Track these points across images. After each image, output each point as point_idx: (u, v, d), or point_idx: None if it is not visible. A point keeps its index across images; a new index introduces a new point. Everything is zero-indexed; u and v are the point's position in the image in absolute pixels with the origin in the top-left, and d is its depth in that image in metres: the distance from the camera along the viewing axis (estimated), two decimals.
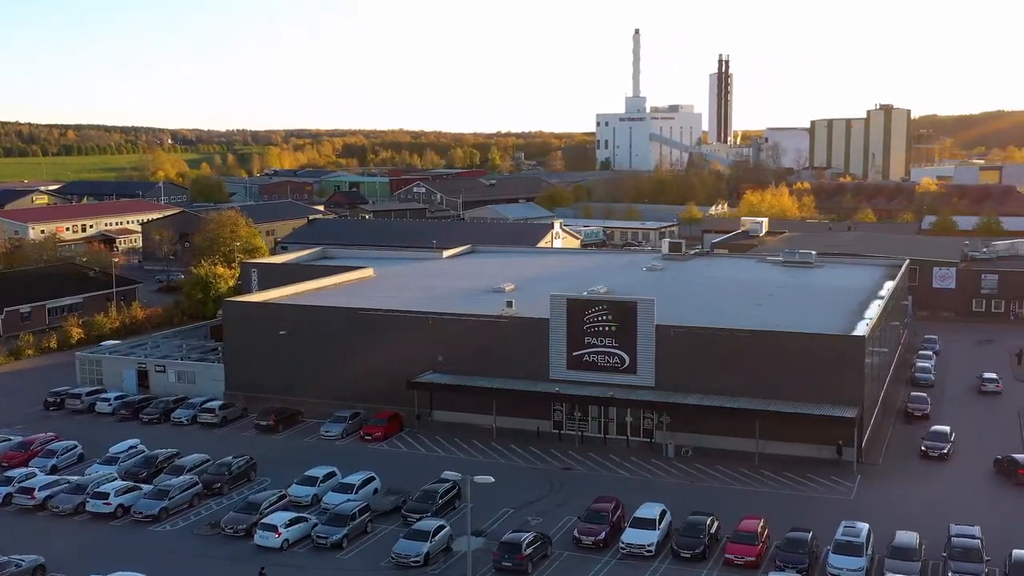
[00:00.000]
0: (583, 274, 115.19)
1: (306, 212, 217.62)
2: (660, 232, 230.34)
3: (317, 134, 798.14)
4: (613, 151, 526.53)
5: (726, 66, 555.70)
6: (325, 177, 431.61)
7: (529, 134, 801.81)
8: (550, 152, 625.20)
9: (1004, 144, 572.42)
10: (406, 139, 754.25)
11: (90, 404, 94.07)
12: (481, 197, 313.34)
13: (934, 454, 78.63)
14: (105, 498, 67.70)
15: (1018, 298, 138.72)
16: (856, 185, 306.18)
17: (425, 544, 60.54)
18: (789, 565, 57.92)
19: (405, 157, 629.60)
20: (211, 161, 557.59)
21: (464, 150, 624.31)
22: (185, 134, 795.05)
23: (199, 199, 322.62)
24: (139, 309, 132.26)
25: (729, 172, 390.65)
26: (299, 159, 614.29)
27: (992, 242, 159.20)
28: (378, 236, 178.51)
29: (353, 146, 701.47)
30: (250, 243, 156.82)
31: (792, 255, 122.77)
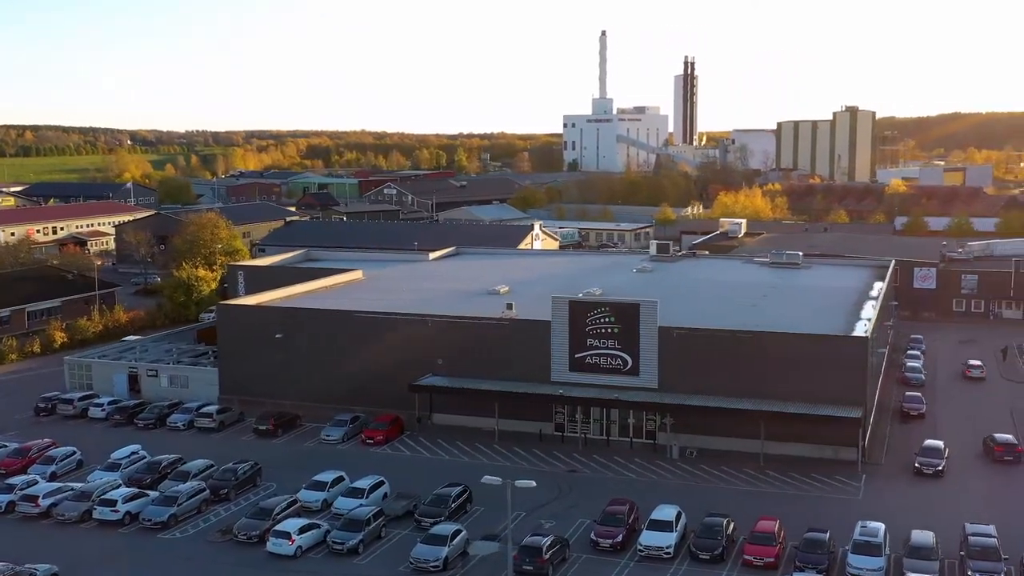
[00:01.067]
0: (573, 276, 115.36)
1: (282, 214, 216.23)
2: (635, 233, 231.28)
3: (279, 135, 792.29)
4: (580, 152, 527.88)
5: (692, 68, 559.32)
6: (292, 178, 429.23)
7: (493, 135, 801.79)
8: (516, 153, 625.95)
9: (963, 145, 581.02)
10: (369, 140, 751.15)
11: (82, 409, 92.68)
12: (453, 199, 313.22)
13: (928, 471, 74.97)
14: (112, 505, 66.70)
15: (997, 298, 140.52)
16: (826, 186, 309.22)
17: (444, 549, 60.22)
18: (809, 565, 58.20)
19: (371, 158, 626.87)
20: (175, 162, 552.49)
21: (430, 151, 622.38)
22: (144, 135, 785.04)
23: (167, 201, 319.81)
24: (122, 312, 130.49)
25: (696, 173, 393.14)
26: (263, 160, 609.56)
27: (968, 243, 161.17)
28: (357, 238, 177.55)
29: (317, 147, 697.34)
30: (231, 245, 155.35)
31: (779, 256, 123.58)
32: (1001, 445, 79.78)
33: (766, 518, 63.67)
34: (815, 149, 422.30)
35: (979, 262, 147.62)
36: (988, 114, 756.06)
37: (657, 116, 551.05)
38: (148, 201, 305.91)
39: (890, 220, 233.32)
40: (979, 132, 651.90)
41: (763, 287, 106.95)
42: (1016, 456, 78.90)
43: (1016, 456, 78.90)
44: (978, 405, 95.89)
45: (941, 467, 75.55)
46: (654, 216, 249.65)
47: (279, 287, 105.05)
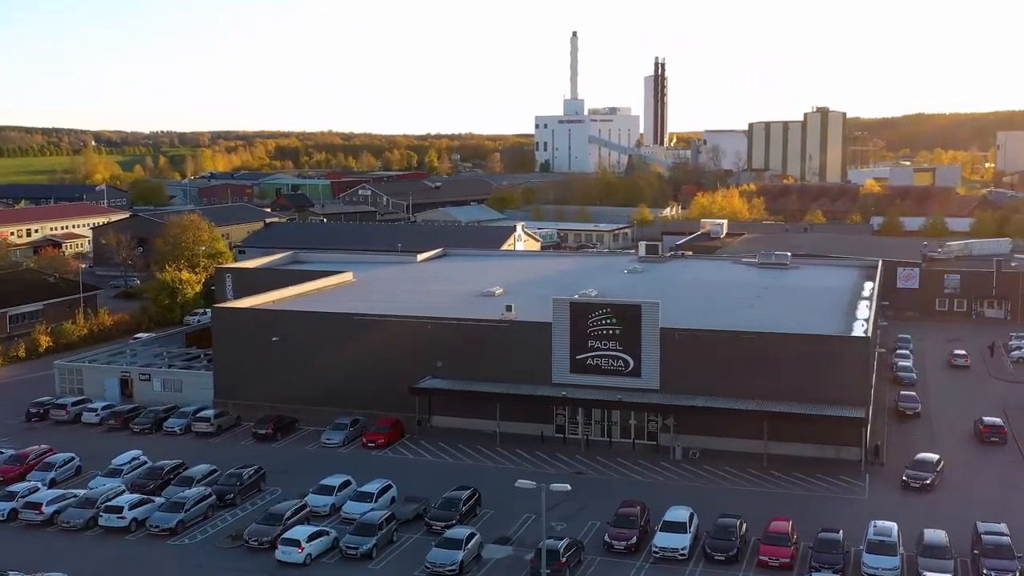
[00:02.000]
0: (565, 277, 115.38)
1: (261, 215, 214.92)
2: (614, 234, 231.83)
3: (246, 136, 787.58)
4: (552, 153, 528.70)
5: (662, 69, 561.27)
6: (264, 179, 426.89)
7: (461, 136, 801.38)
8: (486, 154, 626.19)
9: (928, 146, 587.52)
10: (337, 141, 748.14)
11: (76, 415, 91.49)
12: (428, 199, 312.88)
13: (916, 485, 72.54)
14: (119, 512, 65.81)
15: (979, 297, 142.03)
16: (800, 187, 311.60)
17: (459, 552, 59.93)
18: (825, 566, 58.41)
19: (341, 159, 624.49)
20: (143, 163, 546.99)
21: (401, 152, 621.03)
22: (109, 135, 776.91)
23: (139, 202, 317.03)
24: (107, 315, 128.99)
25: (668, 174, 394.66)
26: (233, 161, 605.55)
27: (946, 243, 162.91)
28: (338, 240, 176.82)
29: (286, 148, 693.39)
30: (214, 248, 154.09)
31: (768, 257, 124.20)
32: (988, 427, 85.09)
33: (779, 519, 63.90)
34: (786, 149, 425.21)
35: (961, 262, 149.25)
36: (951, 115, 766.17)
37: (628, 117, 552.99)
38: (121, 203, 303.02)
39: (866, 220, 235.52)
40: (943, 133, 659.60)
41: (755, 287, 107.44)
42: (1002, 437, 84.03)
43: (1002, 437, 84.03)
44: (970, 400, 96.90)
45: (930, 480, 72.65)
46: (631, 217, 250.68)
47: (268, 289, 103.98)
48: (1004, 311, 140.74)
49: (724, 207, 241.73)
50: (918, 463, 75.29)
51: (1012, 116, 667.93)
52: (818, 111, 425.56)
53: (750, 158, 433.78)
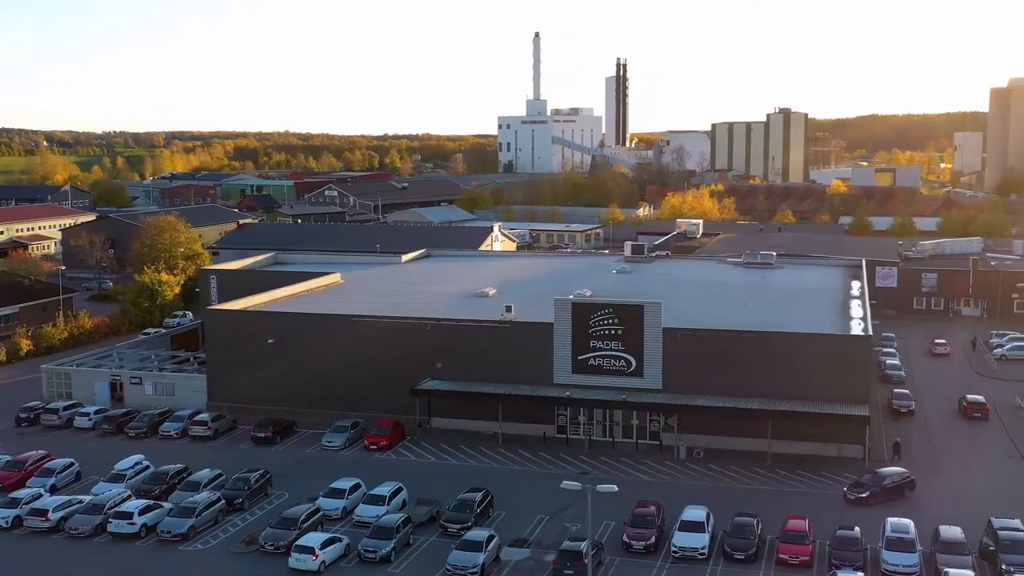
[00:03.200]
0: (554, 278, 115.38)
1: (233, 217, 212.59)
2: (586, 235, 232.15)
3: (201, 136, 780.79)
4: (516, 153, 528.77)
5: (623, 70, 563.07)
6: (226, 180, 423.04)
7: (419, 136, 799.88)
8: (447, 155, 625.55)
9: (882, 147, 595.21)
10: (294, 141, 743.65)
11: (68, 419, 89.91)
12: (396, 200, 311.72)
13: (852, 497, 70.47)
14: (129, 517, 64.73)
15: (956, 296, 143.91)
16: (767, 187, 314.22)
17: (480, 554, 59.66)
18: (846, 563, 58.73)
19: (301, 160, 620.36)
20: (99, 164, 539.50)
21: (362, 153, 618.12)
22: (61, 136, 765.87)
23: (100, 203, 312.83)
24: (87, 318, 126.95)
25: (632, 174, 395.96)
26: (191, 161, 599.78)
27: (919, 243, 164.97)
28: (313, 241, 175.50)
29: (245, 148, 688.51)
30: (191, 249, 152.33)
31: (754, 256, 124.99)
32: (971, 403, 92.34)
33: (795, 517, 64.21)
34: (749, 150, 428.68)
35: (937, 261, 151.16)
36: (904, 116, 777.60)
37: (591, 118, 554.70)
38: (83, 204, 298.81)
39: (835, 220, 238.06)
40: (895, 134, 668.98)
41: (746, 287, 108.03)
42: (984, 413, 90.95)
43: (984, 413, 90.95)
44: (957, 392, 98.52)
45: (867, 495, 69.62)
46: (602, 217, 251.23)
47: (254, 291, 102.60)
48: (980, 309, 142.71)
49: (695, 207, 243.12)
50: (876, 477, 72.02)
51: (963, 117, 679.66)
52: (780, 112, 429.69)
53: (713, 158, 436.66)
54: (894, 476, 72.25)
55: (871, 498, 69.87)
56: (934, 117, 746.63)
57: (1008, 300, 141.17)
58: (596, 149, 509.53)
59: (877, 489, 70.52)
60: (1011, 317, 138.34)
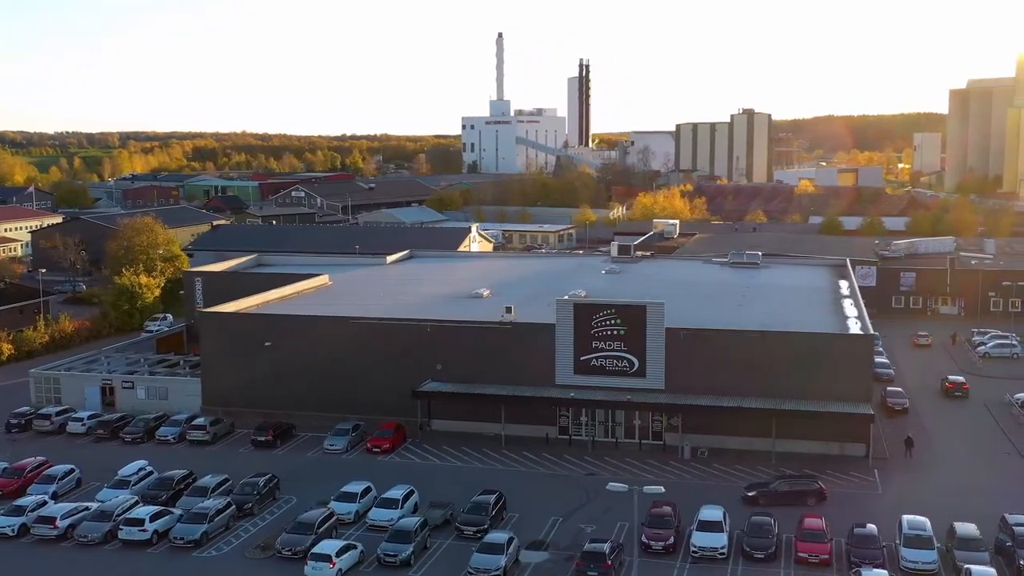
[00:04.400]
0: (544, 278, 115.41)
1: (206, 218, 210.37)
2: (559, 235, 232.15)
3: (156, 136, 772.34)
4: (480, 154, 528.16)
5: (586, 71, 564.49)
6: (188, 181, 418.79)
7: (377, 137, 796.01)
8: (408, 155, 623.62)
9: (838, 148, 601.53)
10: (251, 141, 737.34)
11: (60, 425, 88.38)
12: (364, 201, 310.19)
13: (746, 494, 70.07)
14: (140, 524, 63.66)
15: (934, 294, 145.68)
16: (735, 187, 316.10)
17: (502, 557, 59.40)
18: (866, 561, 59.08)
19: (262, 160, 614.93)
20: (56, 164, 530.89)
21: (324, 153, 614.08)
22: (12, 136, 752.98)
23: (62, 205, 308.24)
24: (67, 322, 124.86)
25: (597, 175, 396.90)
26: (150, 162, 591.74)
27: (892, 242, 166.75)
28: (289, 242, 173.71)
29: (203, 149, 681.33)
30: (170, 251, 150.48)
31: (740, 256, 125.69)
32: (952, 383, 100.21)
33: (811, 515, 64.61)
34: (713, 151, 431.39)
35: (914, 260, 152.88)
36: (860, 116, 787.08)
37: (555, 118, 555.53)
38: (46, 205, 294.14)
39: (804, 220, 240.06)
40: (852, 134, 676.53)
41: (737, 287, 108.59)
42: (964, 392, 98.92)
43: (964, 392, 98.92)
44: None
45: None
46: (574, 218, 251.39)
47: (240, 293, 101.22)
48: (958, 308, 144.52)
49: (666, 207, 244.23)
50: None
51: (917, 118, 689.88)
52: (744, 112, 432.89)
53: (678, 159, 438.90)
54: (796, 483, 71.94)
55: (760, 498, 70.02)
56: (888, 118, 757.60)
57: (985, 299, 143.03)
58: (560, 149, 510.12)
59: (767, 491, 70.60)
60: (988, 315, 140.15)
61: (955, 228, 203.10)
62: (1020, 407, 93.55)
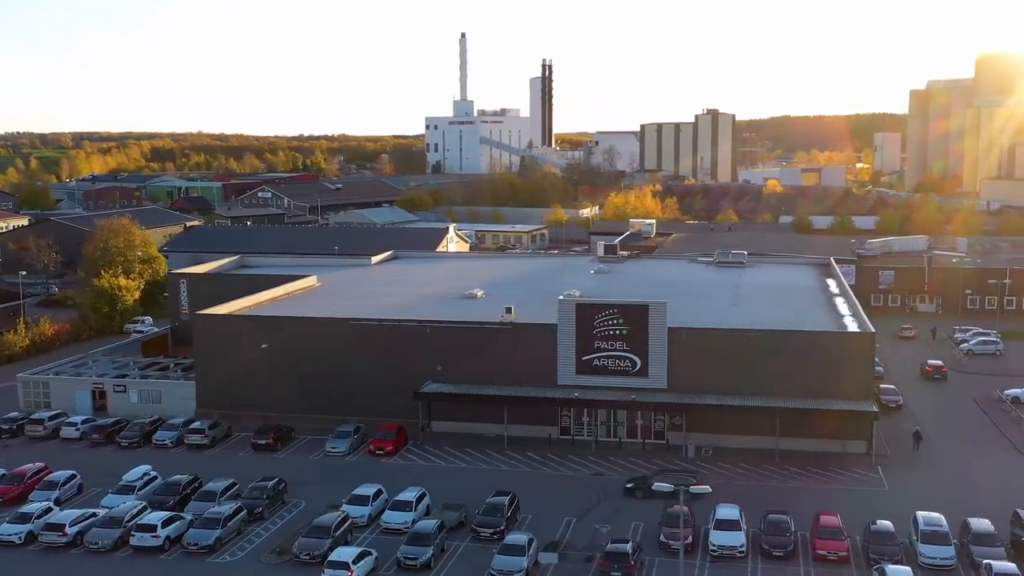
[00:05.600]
0: (534, 278, 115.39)
1: (176, 219, 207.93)
2: (532, 235, 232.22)
3: (111, 137, 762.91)
4: (443, 154, 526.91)
5: (549, 71, 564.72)
6: (150, 181, 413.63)
7: (335, 137, 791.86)
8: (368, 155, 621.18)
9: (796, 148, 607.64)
10: (207, 142, 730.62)
11: (53, 429, 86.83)
12: (332, 201, 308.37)
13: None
14: (152, 530, 62.64)
15: (912, 292, 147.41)
16: (703, 187, 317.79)
17: (524, 558, 59.16)
18: (884, 557, 59.49)
19: (222, 161, 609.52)
20: (11, 164, 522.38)
21: (286, 154, 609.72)
22: None
23: (23, 206, 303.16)
24: (48, 325, 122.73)
25: (562, 175, 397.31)
26: (108, 163, 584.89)
27: (867, 241, 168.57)
28: (267, 243, 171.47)
29: (161, 149, 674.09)
30: (147, 253, 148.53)
31: (726, 256, 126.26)
32: (932, 367, 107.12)
33: (826, 513, 64.96)
34: (678, 151, 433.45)
35: (890, 258, 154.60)
36: (815, 117, 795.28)
37: (518, 118, 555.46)
38: (8, 207, 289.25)
39: (775, 219, 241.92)
40: (808, 134, 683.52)
41: (727, 286, 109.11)
42: (943, 375, 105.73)
43: (943, 375, 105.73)
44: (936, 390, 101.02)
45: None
46: (545, 218, 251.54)
47: (226, 295, 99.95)
48: (935, 305, 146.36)
49: (637, 207, 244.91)
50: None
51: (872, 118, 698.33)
52: (708, 113, 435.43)
53: (643, 159, 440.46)
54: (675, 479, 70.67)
55: (637, 491, 71.56)
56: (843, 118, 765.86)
57: (962, 296, 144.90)
58: (525, 150, 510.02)
59: (644, 485, 71.52)
60: (965, 313, 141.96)
61: (923, 227, 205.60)
62: (1011, 403, 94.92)
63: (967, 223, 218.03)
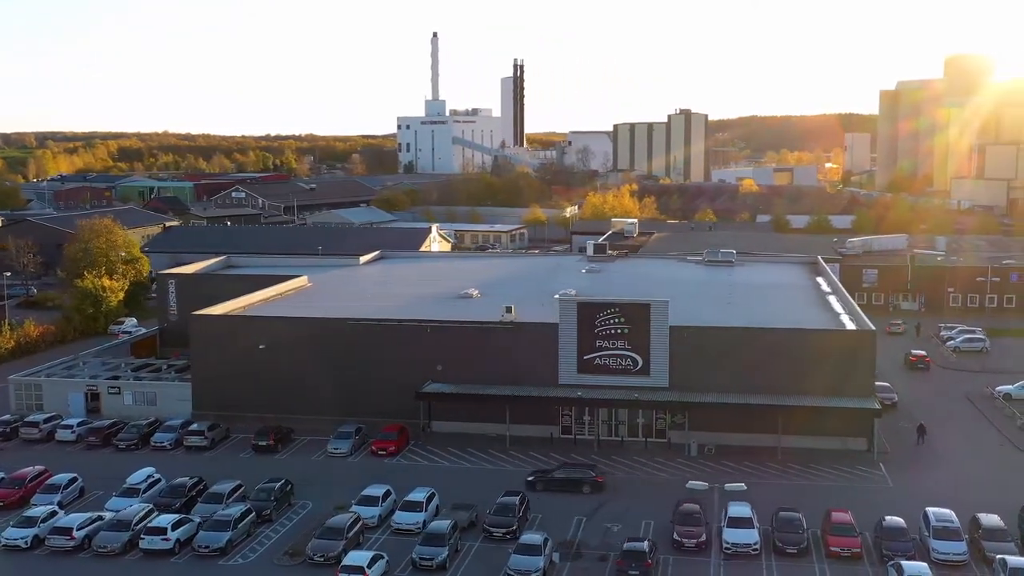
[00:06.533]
0: (526, 278, 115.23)
1: (157, 219, 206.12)
2: (511, 235, 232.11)
3: (74, 136, 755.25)
4: (416, 154, 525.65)
5: (521, 71, 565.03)
6: (120, 182, 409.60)
7: (302, 137, 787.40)
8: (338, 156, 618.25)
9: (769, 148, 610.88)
10: (173, 141, 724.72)
11: (49, 432, 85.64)
12: (307, 201, 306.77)
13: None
14: (162, 533, 61.94)
15: (895, 291, 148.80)
16: (679, 187, 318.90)
17: (541, 558, 59.04)
18: (897, 553, 59.87)
19: (191, 161, 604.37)
20: None
21: (256, 154, 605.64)
22: None
23: None
24: (32, 327, 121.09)
25: (535, 175, 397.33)
26: (75, 163, 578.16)
27: (847, 240, 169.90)
28: (248, 243, 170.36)
29: (129, 149, 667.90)
30: (131, 253, 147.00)
31: (715, 255, 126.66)
32: (916, 356, 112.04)
33: (837, 510, 65.28)
34: (651, 150, 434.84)
35: (871, 257, 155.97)
36: (783, 117, 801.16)
37: (490, 118, 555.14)
38: None
39: (752, 218, 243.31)
40: (776, 134, 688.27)
41: (720, 285, 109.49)
42: (926, 364, 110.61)
43: (926, 364, 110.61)
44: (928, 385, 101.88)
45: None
46: (523, 217, 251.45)
47: (217, 296, 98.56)
48: (918, 303, 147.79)
49: (616, 207, 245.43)
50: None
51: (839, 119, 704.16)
52: (681, 113, 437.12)
53: (616, 158, 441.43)
54: (574, 471, 74.39)
55: (538, 484, 73.07)
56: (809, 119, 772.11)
57: (944, 294, 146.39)
58: (497, 150, 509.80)
59: (544, 478, 73.71)
60: (947, 311, 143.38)
61: (898, 226, 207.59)
62: (1003, 399, 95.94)
63: (940, 222, 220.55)
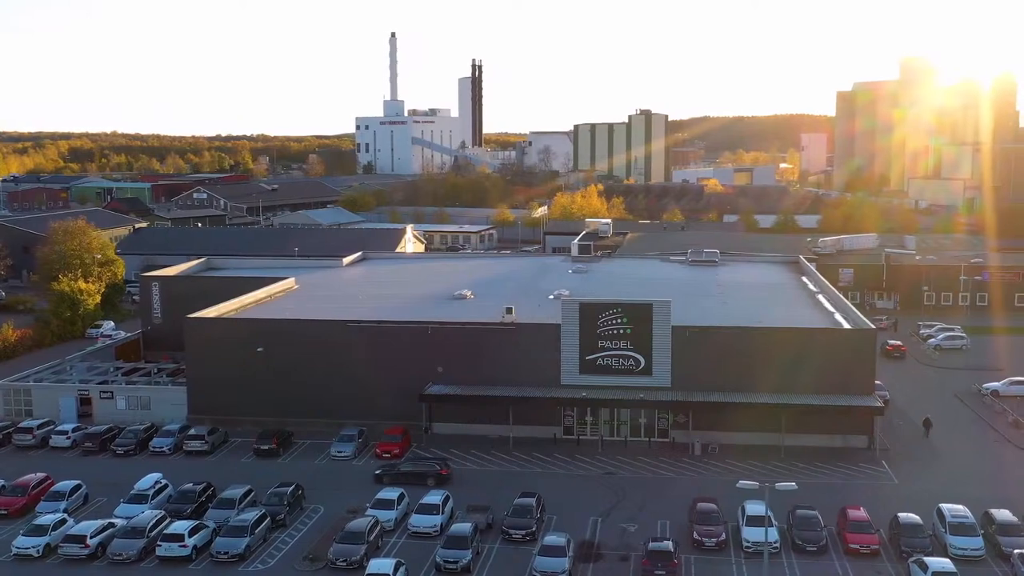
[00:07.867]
0: (516, 279, 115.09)
1: (125, 221, 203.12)
2: (480, 236, 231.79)
3: (20, 137, 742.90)
4: (375, 154, 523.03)
5: (479, 71, 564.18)
6: (75, 183, 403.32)
7: (254, 137, 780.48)
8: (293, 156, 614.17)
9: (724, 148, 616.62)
10: (123, 142, 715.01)
11: (43, 438, 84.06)
12: (270, 202, 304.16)
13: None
14: (180, 540, 60.99)
15: (871, 289, 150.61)
16: (645, 187, 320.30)
17: (566, 559, 58.97)
18: (916, 549, 60.54)
19: (144, 162, 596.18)
20: None
21: (212, 154, 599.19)
22: None
23: None
24: (10, 331, 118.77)
25: (497, 175, 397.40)
26: (25, 164, 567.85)
27: (820, 239, 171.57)
28: (219, 245, 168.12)
29: (80, 150, 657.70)
30: (105, 255, 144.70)
31: (699, 254, 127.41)
32: (892, 346, 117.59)
33: (851, 507, 65.87)
34: (612, 151, 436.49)
35: (844, 256, 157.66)
36: (734, 117, 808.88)
37: (449, 119, 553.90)
38: None
39: (719, 218, 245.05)
40: (727, 134, 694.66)
41: (708, 284, 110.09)
42: (902, 354, 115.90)
43: (902, 354, 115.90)
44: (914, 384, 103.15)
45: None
46: (491, 218, 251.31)
47: (202, 299, 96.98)
48: (893, 302, 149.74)
49: (584, 207, 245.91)
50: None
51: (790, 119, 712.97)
52: (642, 113, 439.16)
53: (576, 159, 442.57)
54: (420, 464, 76.36)
55: (385, 477, 74.67)
56: (761, 119, 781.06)
57: (918, 292, 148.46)
58: (457, 150, 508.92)
59: (391, 471, 75.24)
60: (921, 309, 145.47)
61: (863, 225, 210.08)
62: (991, 396, 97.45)
63: (904, 221, 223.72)
